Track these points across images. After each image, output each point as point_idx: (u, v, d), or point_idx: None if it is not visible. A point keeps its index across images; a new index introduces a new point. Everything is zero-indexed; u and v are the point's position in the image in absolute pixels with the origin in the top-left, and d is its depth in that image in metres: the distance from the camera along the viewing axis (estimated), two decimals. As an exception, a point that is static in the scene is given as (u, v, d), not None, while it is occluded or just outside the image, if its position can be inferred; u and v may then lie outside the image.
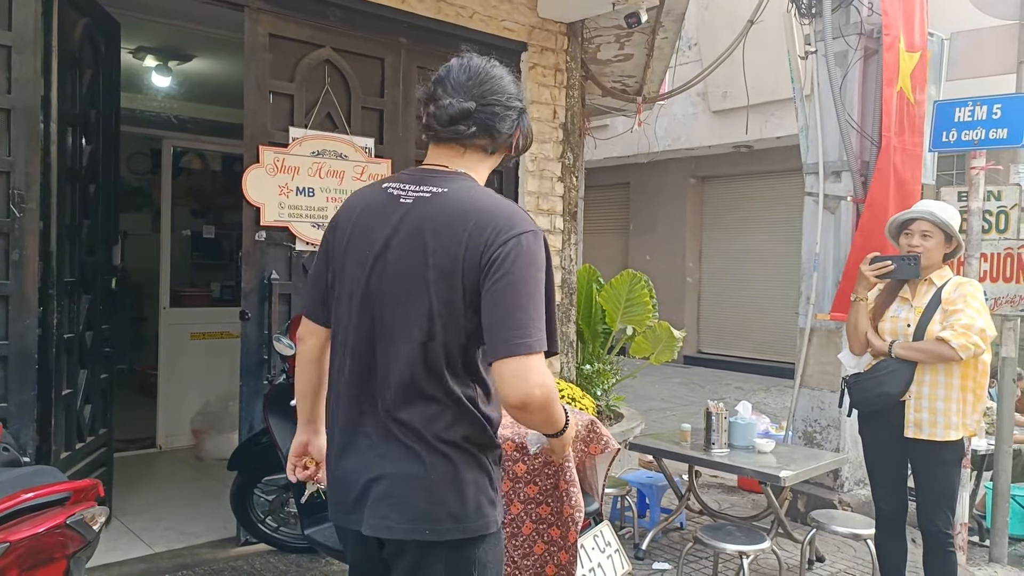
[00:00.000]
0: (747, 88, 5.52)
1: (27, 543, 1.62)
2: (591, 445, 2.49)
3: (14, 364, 3.10)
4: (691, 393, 9.25)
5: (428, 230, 1.51)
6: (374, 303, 1.54)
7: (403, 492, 1.48)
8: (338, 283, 1.60)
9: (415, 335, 1.49)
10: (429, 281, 1.49)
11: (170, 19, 4.57)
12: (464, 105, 1.59)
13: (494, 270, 1.45)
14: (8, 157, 3.09)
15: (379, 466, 1.50)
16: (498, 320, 1.43)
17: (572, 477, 2.36)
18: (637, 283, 5.47)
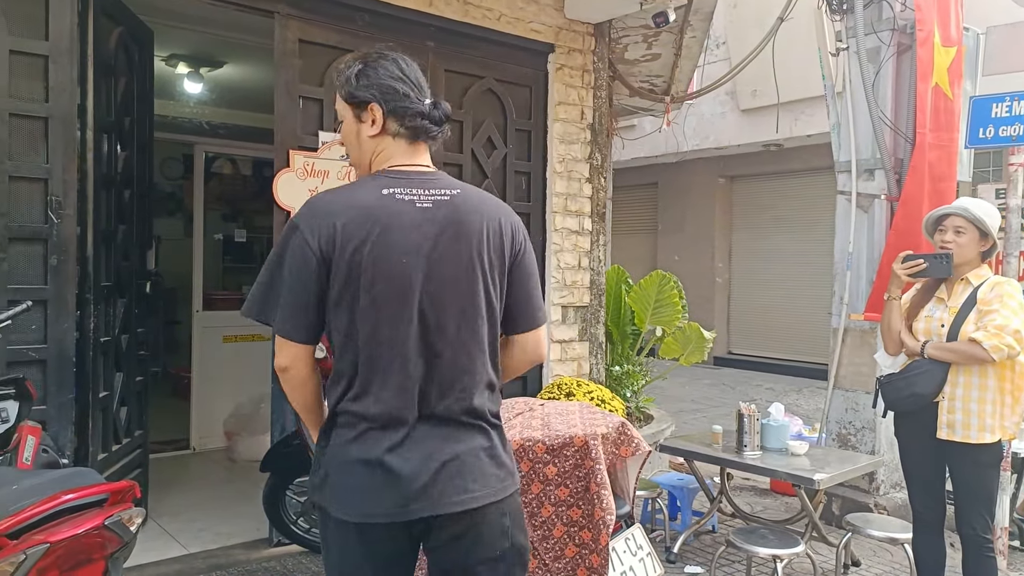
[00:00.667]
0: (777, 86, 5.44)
1: (67, 544, 1.65)
2: (622, 447, 2.48)
3: (53, 367, 3.17)
4: (721, 394, 9.16)
5: (473, 232, 1.67)
6: (432, 305, 1.64)
7: (477, 464, 1.65)
8: (361, 292, 1.60)
9: (477, 329, 1.67)
10: (484, 279, 1.67)
11: (202, 26, 4.65)
12: (446, 106, 1.77)
13: (520, 259, 1.75)
14: (46, 164, 3.16)
15: (450, 448, 1.63)
16: (525, 299, 1.76)
17: (603, 479, 2.34)
18: (666, 284, 5.44)
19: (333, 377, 1.67)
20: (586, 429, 2.45)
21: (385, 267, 1.60)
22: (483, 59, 4.49)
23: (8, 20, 3.06)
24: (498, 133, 4.61)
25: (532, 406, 2.74)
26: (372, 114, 1.72)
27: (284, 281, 1.62)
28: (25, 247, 3.12)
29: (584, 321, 4.95)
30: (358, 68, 1.74)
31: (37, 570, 1.61)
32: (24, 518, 1.67)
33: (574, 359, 4.92)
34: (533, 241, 4.70)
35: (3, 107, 3.04)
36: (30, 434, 2.46)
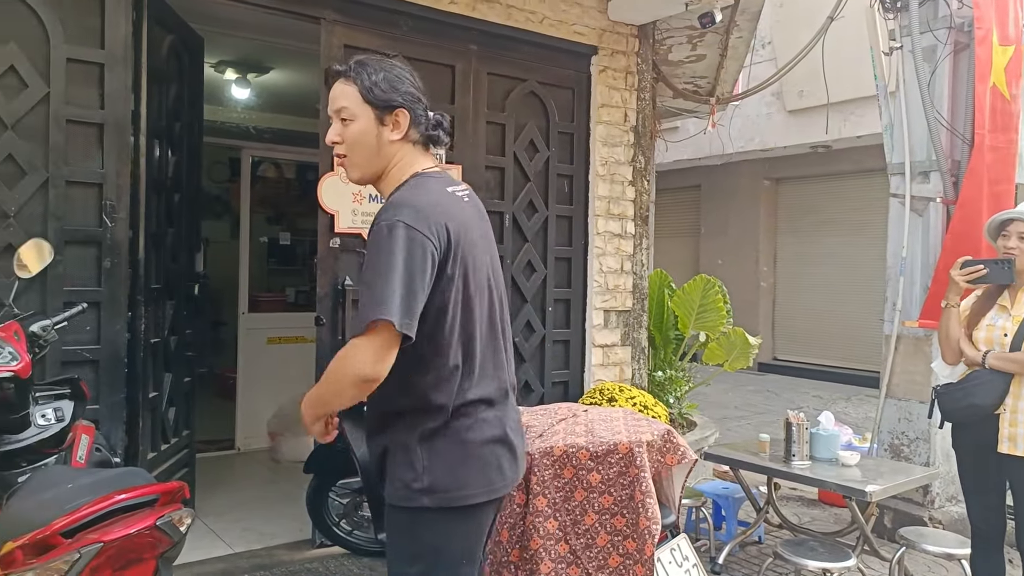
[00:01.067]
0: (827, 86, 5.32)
1: (119, 543, 1.67)
2: (667, 455, 2.43)
3: (105, 368, 3.24)
4: (766, 401, 8.99)
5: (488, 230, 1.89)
6: (495, 297, 1.83)
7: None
8: (465, 284, 1.71)
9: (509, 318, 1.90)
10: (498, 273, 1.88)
11: (250, 33, 4.72)
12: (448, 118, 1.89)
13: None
14: (100, 169, 3.23)
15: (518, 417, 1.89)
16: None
17: (648, 488, 2.30)
18: (711, 288, 5.36)
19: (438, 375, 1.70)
20: (631, 436, 2.41)
21: (474, 259, 1.73)
22: (525, 62, 4.48)
23: (66, 29, 3.14)
24: (540, 136, 4.59)
25: (575, 412, 2.70)
26: (397, 119, 1.75)
27: (411, 281, 1.58)
28: (80, 250, 3.20)
29: (626, 326, 4.89)
30: (382, 72, 1.76)
31: (91, 569, 1.64)
32: (78, 517, 1.70)
33: (616, 364, 4.87)
34: (575, 245, 4.73)
35: (61, 113, 3.12)
36: (84, 433, 2.51)
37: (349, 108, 1.75)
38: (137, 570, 1.73)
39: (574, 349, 4.75)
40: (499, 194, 4.43)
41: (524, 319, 4.53)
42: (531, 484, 2.40)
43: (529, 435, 2.56)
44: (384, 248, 1.59)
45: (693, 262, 11.97)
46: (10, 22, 3.04)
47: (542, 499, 2.37)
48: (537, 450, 2.45)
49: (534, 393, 4.58)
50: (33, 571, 1.64)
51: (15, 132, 3.05)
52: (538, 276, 4.59)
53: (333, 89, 1.79)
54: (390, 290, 1.56)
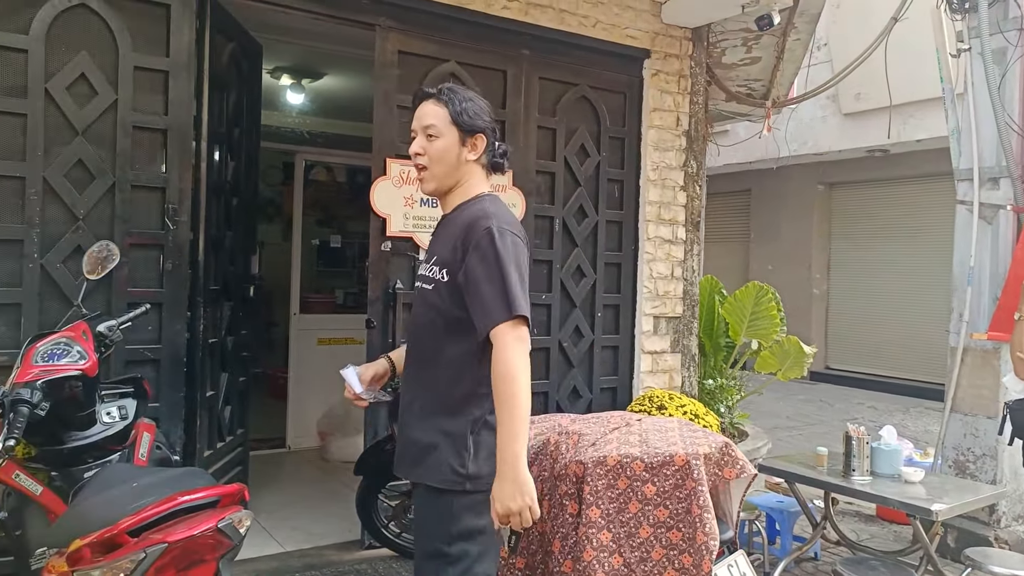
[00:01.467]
0: (889, 89, 5.17)
1: (183, 544, 1.71)
2: (725, 469, 2.38)
3: (166, 367, 3.32)
4: (818, 411, 8.77)
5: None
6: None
7: None
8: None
9: None
10: None
11: (306, 40, 4.80)
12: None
13: None
14: (164, 174, 3.32)
15: None
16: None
17: (706, 502, 2.26)
18: (764, 295, 5.25)
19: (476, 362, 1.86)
20: (687, 448, 2.37)
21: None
22: (577, 66, 4.46)
23: (133, 38, 3.23)
24: (591, 140, 4.56)
25: (629, 421, 2.67)
26: (476, 142, 1.98)
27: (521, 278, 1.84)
28: (143, 252, 3.29)
29: (676, 332, 4.82)
30: (470, 101, 1.99)
31: (155, 568, 1.67)
32: (144, 517, 1.74)
33: (665, 371, 4.80)
34: (625, 250, 4.68)
35: (127, 119, 3.22)
36: (146, 431, 2.57)
37: (437, 126, 1.96)
38: (199, 571, 1.76)
39: (623, 355, 4.71)
40: (549, 199, 4.42)
41: (573, 324, 4.50)
42: (584, 494, 2.38)
43: (582, 443, 2.54)
44: (500, 253, 1.83)
45: (742, 268, 11.75)
46: (82, 32, 3.14)
47: (595, 510, 2.34)
48: (590, 459, 2.42)
49: (582, 399, 4.55)
50: (100, 569, 1.69)
51: (85, 138, 3.15)
52: (587, 281, 4.56)
53: (423, 107, 1.99)
54: (515, 288, 1.80)
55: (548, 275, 4.41)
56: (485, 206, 1.93)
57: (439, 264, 1.94)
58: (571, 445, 2.54)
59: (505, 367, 1.75)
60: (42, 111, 3.06)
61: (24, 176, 3.04)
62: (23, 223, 3.04)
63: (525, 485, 1.70)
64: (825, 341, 11.02)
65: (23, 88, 3.04)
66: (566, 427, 2.68)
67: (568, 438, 2.58)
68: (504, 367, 1.76)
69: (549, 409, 4.41)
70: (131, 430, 2.50)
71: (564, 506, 2.44)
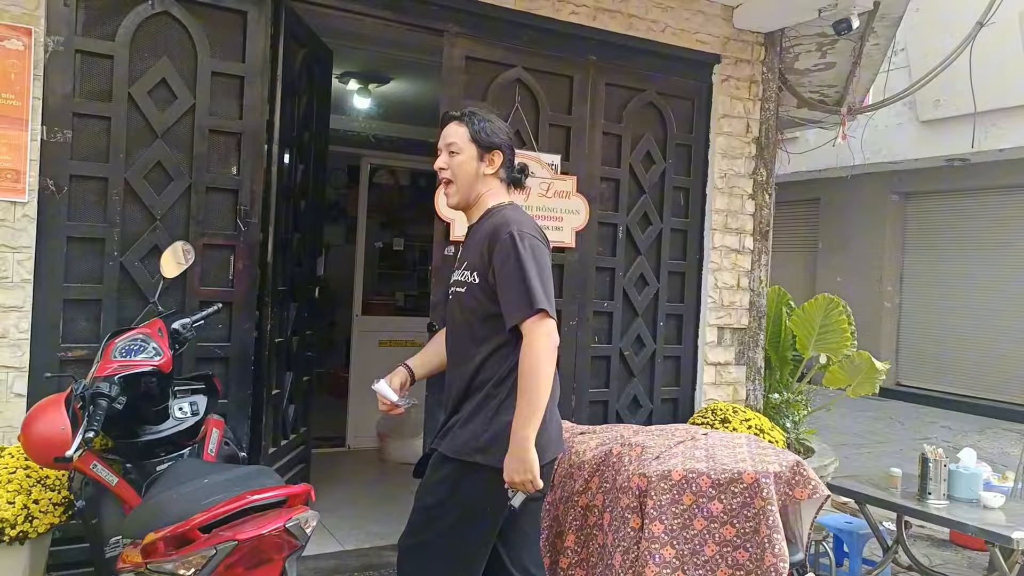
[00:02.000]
0: (974, 95, 4.95)
1: (252, 543, 1.73)
2: (796, 489, 2.29)
3: (234, 365, 3.40)
4: (887, 429, 8.45)
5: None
6: None
7: None
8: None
9: None
10: None
11: (374, 45, 4.88)
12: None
13: None
14: (237, 176, 3.40)
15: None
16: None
17: (775, 522, 2.18)
18: (834, 308, 5.09)
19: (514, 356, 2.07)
20: (756, 465, 2.29)
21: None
22: (644, 72, 4.40)
23: (212, 44, 3.33)
24: (657, 147, 4.49)
25: (694, 435, 2.60)
26: (493, 157, 2.24)
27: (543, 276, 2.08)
28: (216, 252, 3.38)
29: (742, 344, 4.71)
30: (488, 122, 2.25)
31: (224, 565, 1.70)
32: (216, 514, 1.77)
33: (730, 383, 4.69)
34: (689, 259, 4.59)
35: (204, 123, 3.31)
36: (215, 427, 2.63)
37: (458, 143, 2.23)
38: (266, 569, 1.79)
39: (685, 366, 4.62)
40: (613, 206, 4.37)
41: (635, 333, 4.44)
42: (647, 508, 2.33)
43: (645, 456, 2.49)
44: (521, 255, 2.06)
45: (808, 278, 11.43)
46: (164, 38, 3.25)
47: (658, 524, 2.29)
48: (654, 472, 2.37)
49: (642, 409, 4.48)
50: (173, 563, 1.73)
51: (164, 141, 3.25)
52: (650, 290, 4.49)
53: (447, 128, 2.28)
54: (535, 285, 2.04)
55: (610, 283, 4.36)
56: (507, 214, 2.18)
57: (470, 268, 2.18)
58: (634, 457, 2.49)
59: (531, 361, 2.01)
60: (125, 115, 3.18)
61: (107, 177, 3.16)
62: (105, 222, 3.16)
63: (530, 464, 1.98)
64: (896, 357, 10.61)
65: (108, 92, 3.16)
66: (629, 438, 2.63)
67: (631, 450, 2.53)
68: (530, 361, 2.01)
69: (609, 418, 4.36)
70: (202, 426, 2.56)
71: (626, 519, 2.39)
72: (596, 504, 2.55)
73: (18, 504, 2.55)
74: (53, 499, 2.66)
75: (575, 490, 2.66)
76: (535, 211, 4.06)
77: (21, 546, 2.58)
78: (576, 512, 2.64)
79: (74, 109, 3.09)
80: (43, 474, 2.71)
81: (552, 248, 4.01)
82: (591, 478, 2.61)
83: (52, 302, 3.06)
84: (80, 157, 3.12)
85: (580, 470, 2.68)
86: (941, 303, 10.22)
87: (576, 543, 2.61)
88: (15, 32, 2.97)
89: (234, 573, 1.73)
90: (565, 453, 2.84)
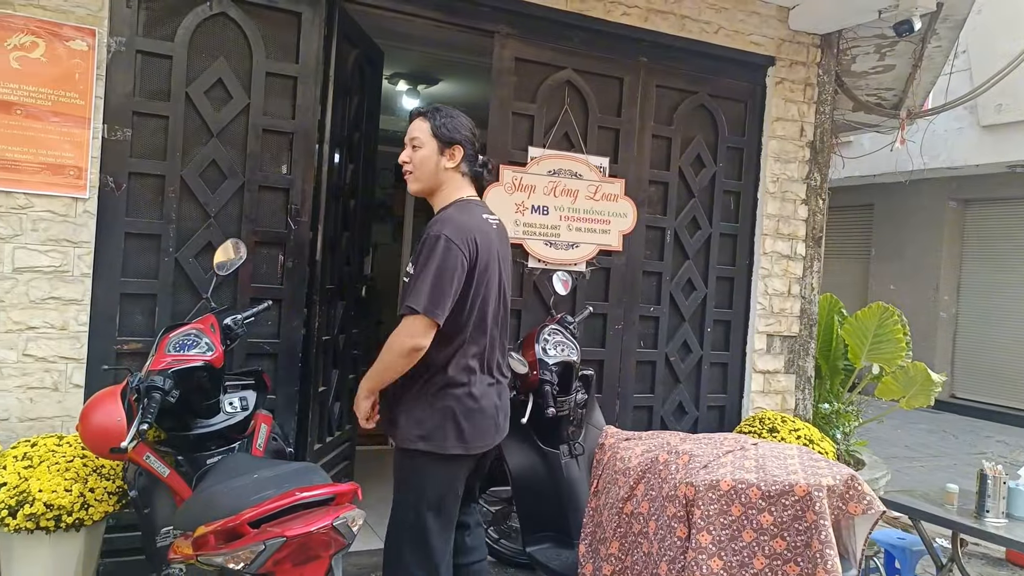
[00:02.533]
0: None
1: (300, 540, 1.75)
2: (850, 503, 2.22)
3: (283, 361, 3.45)
4: (941, 442, 8.19)
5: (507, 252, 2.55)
6: (501, 303, 2.46)
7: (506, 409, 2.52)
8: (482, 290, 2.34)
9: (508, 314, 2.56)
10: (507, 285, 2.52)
11: (425, 47, 4.91)
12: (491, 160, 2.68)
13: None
14: (288, 176, 3.45)
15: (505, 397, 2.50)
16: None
17: (828, 537, 2.12)
18: (888, 317, 4.95)
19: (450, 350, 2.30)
20: (808, 478, 2.23)
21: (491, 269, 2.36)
22: (696, 74, 4.34)
23: (267, 45, 3.39)
24: (708, 150, 4.42)
25: (744, 444, 2.55)
26: (454, 152, 2.39)
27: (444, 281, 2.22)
28: (266, 250, 3.43)
29: (791, 352, 4.60)
30: (449, 114, 2.40)
31: (273, 561, 1.72)
32: (266, 510, 1.79)
33: (778, 392, 4.59)
34: (739, 264, 4.51)
35: (258, 123, 3.37)
36: (263, 422, 2.67)
37: (420, 138, 2.40)
38: (313, 567, 1.80)
39: (732, 373, 4.54)
40: (661, 209, 4.32)
41: (681, 339, 4.38)
42: (694, 518, 2.28)
43: (692, 464, 2.44)
44: (428, 254, 2.23)
45: (861, 286, 11.13)
46: (220, 39, 3.32)
47: (706, 535, 2.24)
48: (701, 482, 2.33)
49: (688, 416, 4.41)
50: (223, 556, 1.75)
51: (219, 140, 3.32)
52: (698, 295, 4.42)
53: (412, 123, 2.44)
54: (425, 287, 2.20)
55: (657, 287, 4.31)
56: (448, 213, 2.34)
57: (412, 261, 2.33)
58: (681, 465, 2.45)
59: (390, 341, 2.28)
60: (182, 114, 3.25)
61: (164, 175, 3.24)
62: (161, 219, 3.24)
63: (361, 403, 2.43)
64: (952, 368, 10.27)
65: (166, 92, 3.23)
66: (676, 446, 2.59)
67: (678, 458, 2.49)
68: (390, 340, 2.28)
69: (653, 424, 4.30)
70: (251, 421, 2.60)
71: (672, 528, 2.35)
72: (641, 511, 2.52)
73: (75, 492, 2.63)
74: (108, 488, 2.73)
75: (619, 496, 2.63)
76: (582, 214, 4.05)
77: (77, 533, 2.66)
78: (620, 519, 2.61)
79: (134, 108, 3.18)
80: (99, 463, 2.78)
81: (598, 251, 4.06)
82: (636, 485, 2.58)
83: (110, 296, 3.15)
84: (139, 155, 3.20)
85: (625, 476, 2.64)
86: (1000, 314, 9.85)
87: (620, 550, 2.58)
88: (80, 33, 3.06)
89: (282, 569, 1.75)
90: (610, 459, 2.81)
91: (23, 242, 3.00)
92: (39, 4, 3.01)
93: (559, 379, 3.11)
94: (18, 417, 3.01)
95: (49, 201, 3.03)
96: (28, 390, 3.02)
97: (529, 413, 3.01)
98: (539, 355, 3.12)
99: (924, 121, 6.61)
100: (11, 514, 2.56)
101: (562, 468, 3.20)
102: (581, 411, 3.28)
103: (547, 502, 3.21)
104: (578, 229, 4.06)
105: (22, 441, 2.84)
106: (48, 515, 2.57)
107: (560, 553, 3.14)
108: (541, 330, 3.28)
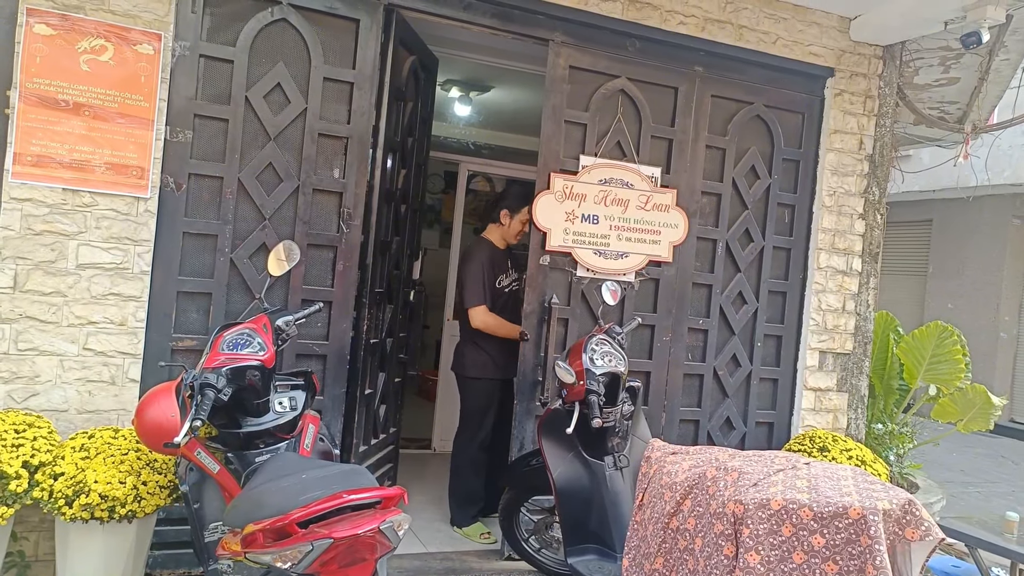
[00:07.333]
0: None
1: (347, 542, 1.76)
2: (907, 529, 2.14)
3: (331, 363, 3.49)
4: (998, 468, 7.88)
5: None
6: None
7: None
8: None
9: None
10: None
11: (478, 54, 4.92)
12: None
13: None
14: (342, 179, 3.50)
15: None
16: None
17: (883, 563, 2.04)
18: (947, 337, 4.79)
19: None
20: (863, 501, 2.16)
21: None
22: (753, 84, 4.27)
23: (325, 51, 3.45)
24: (763, 162, 4.34)
25: (795, 464, 2.48)
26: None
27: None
28: (319, 253, 3.48)
29: (844, 370, 4.48)
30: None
31: (319, 562, 1.73)
32: (314, 511, 1.81)
33: (830, 410, 4.47)
34: (792, 278, 4.41)
35: (314, 127, 3.43)
36: (311, 423, 2.70)
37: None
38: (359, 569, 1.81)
39: (782, 389, 4.43)
40: (714, 221, 4.25)
41: (730, 353, 4.30)
42: (743, 537, 2.23)
43: (742, 482, 2.39)
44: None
45: (917, 304, 10.81)
46: (280, 44, 3.39)
47: (755, 555, 2.19)
48: (751, 500, 2.27)
49: (735, 431, 4.33)
50: (271, 555, 1.77)
51: (276, 143, 3.38)
52: (748, 309, 4.34)
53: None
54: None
55: (707, 299, 4.24)
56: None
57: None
58: (730, 482, 2.40)
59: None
60: (242, 117, 3.32)
61: (222, 176, 3.31)
62: (218, 219, 3.31)
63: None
64: (1012, 391, 9.89)
65: (227, 95, 3.31)
66: (724, 462, 2.53)
67: (727, 474, 2.44)
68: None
69: (700, 438, 4.23)
70: (299, 421, 2.63)
71: (719, 546, 2.30)
72: (687, 528, 2.47)
73: (129, 484, 2.70)
74: (160, 482, 2.80)
75: (665, 511, 2.59)
76: (632, 224, 4.01)
77: (129, 524, 2.73)
78: (666, 534, 2.56)
79: (195, 111, 3.26)
80: (151, 457, 2.85)
81: (648, 262, 4.03)
82: (683, 500, 2.53)
83: (167, 293, 3.23)
84: (199, 156, 3.28)
85: (672, 491, 2.60)
86: (1065, 337, 9.46)
87: (664, 566, 2.54)
88: (147, 37, 3.15)
89: (328, 570, 1.76)
90: (656, 472, 2.77)
91: (87, 239, 3.10)
92: (109, 8, 3.12)
93: (606, 390, 3.07)
94: (77, 409, 3.10)
95: (112, 200, 3.13)
96: (87, 383, 3.12)
97: (575, 423, 2.98)
98: (586, 365, 3.09)
99: (989, 136, 6.38)
100: (68, 503, 2.63)
101: (606, 480, 3.16)
102: (627, 423, 3.24)
103: (591, 514, 3.17)
104: (628, 239, 4.02)
105: (80, 433, 2.93)
106: (103, 506, 2.64)
107: (603, 566, 3.10)
108: (589, 340, 3.25)
